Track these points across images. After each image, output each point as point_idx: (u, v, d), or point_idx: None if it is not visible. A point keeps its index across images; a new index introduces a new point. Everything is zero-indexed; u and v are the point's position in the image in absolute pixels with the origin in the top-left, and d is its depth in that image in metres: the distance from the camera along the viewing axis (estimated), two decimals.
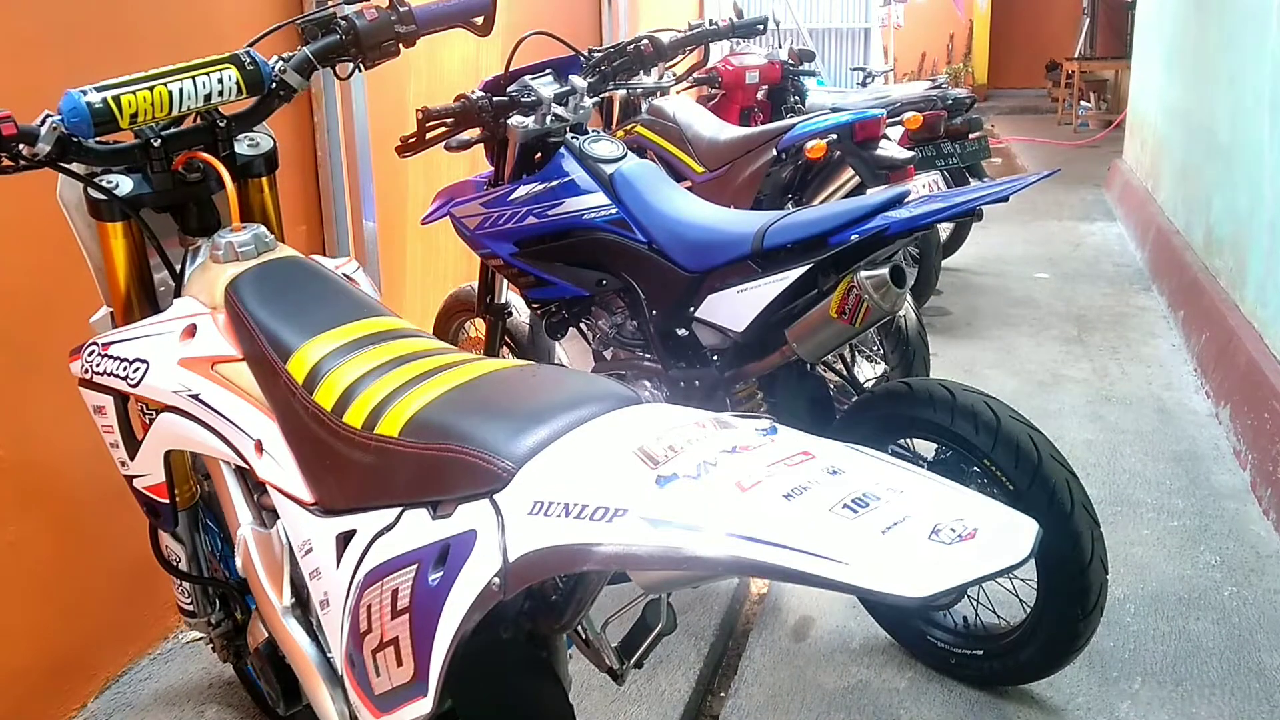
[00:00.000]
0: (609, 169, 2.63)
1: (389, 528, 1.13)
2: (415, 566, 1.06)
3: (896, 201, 2.19)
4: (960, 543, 0.80)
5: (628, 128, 4.16)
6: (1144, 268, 5.97)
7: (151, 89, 1.45)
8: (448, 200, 2.89)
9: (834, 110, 5.81)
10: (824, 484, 0.86)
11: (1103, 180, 8.66)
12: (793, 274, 2.20)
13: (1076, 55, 14.34)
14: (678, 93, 5.47)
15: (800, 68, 6.03)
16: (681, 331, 2.53)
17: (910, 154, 3.40)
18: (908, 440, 2.34)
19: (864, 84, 7.72)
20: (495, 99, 2.60)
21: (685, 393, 2.54)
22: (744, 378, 2.42)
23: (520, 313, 3.11)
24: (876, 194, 2.23)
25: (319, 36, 1.62)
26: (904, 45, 14.98)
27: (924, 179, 3.55)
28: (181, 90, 1.47)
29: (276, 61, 1.60)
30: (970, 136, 5.62)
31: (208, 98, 1.50)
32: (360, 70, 1.70)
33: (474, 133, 2.77)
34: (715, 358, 2.46)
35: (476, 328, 3.31)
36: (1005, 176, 8.74)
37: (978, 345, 4.74)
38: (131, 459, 1.62)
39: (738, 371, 2.42)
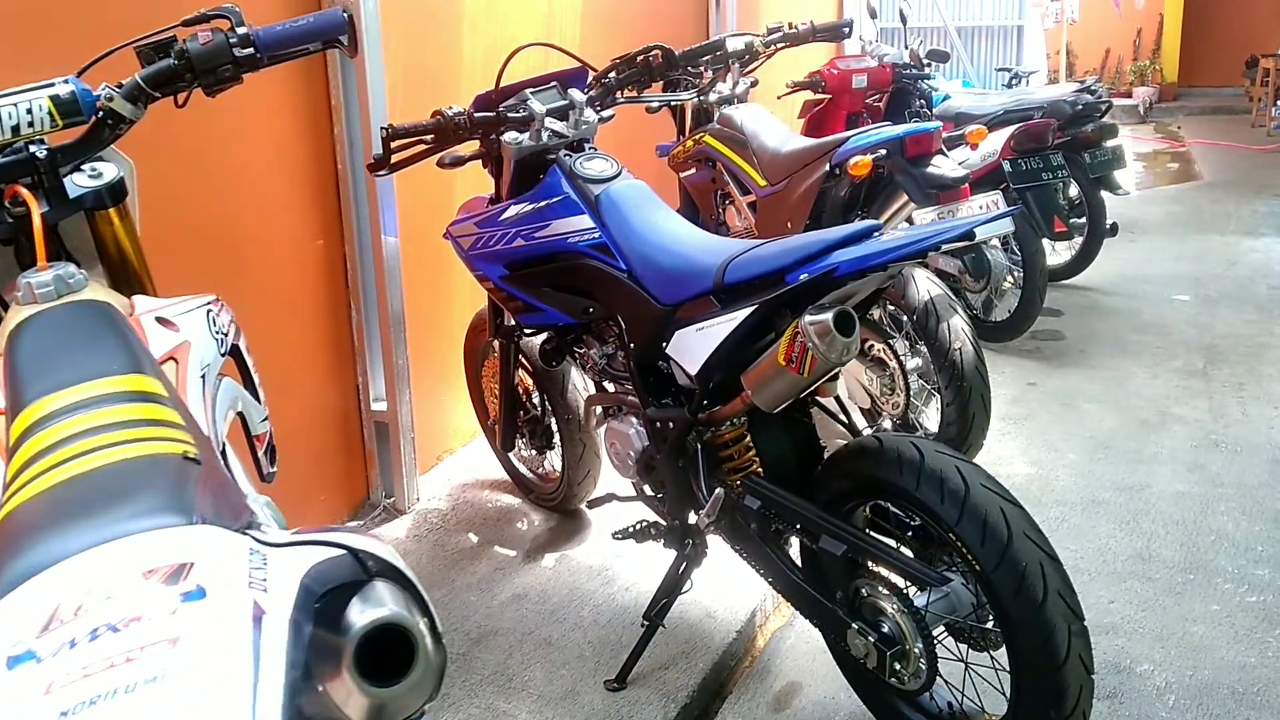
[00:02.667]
0: (596, 190, 2.46)
1: None
2: None
3: (865, 235, 1.95)
4: None
5: (696, 137, 3.97)
6: None
7: None
8: (466, 215, 2.78)
9: (958, 116, 5.48)
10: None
11: None
12: (740, 314, 1.99)
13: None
14: (780, 99, 5.24)
15: (922, 70, 5.69)
16: (661, 367, 2.35)
17: (964, 172, 3.08)
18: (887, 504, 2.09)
19: (1010, 85, 7.25)
20: (476, 115, 2.47)
21: (661, 434, 2.36)
22: (716, 422, 2.21)
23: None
24: (846, 227, 1.99)
25: (155, 61, 1.52)
26: (1085, 41, 14.15)
27: (981, 200, 3.22)
28: None
29: (104, 89, 1.50)
30: (1104, 145, 5.19)
31: (15, 129, 1.42)
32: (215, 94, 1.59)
33: (471, 148, 2.66)
34: (687, 399, 2.27)
35: None
36: (1186, 182, 8.03)
37: (1085, 375, 4.33)
38: None
39: (710, 414, 2.22)
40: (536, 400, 3.12)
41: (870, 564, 2.03)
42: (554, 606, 2.74)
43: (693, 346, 2.13)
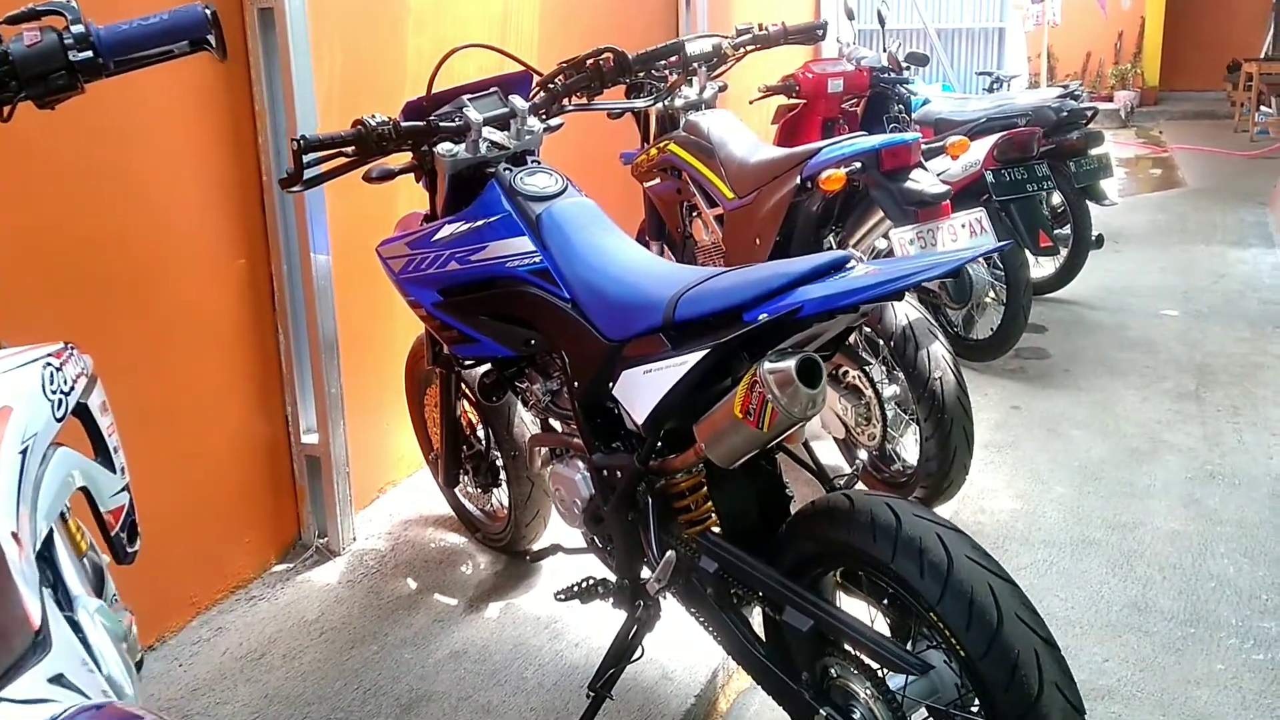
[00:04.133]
0: (537, 208, 2.21)
1: None
2: None
3: (835, 267, 1.70)
4: None
5: (661, 145, 3.71)
6: None
7: None
8: (399, 234, 2.52)
9: (937, 122, 5.24)
10: None
11: (1269, 199, 7.70)
12: (691, 358, 1.74)
13: (1262, 56, 13.06)
14: (752, 103, 5.00)
15: (901, 74, 5.46)
16: (609, 407, 2.09)
17: (944, 188, 2.84)
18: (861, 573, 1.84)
19: (991, 89, 7.04)
20: (403, 125, 2.21)
21: (608, 483, 2.11)
22: (668, 473, 1.96)
23: None
24: (814, 258, 1.74)
25: None
26: (1066, 44, 13.99)
27: (963, 218, 2.98)
28: None
29: None
30: (1089, 153, 4.97)
31: None
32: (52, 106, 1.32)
33: (403, 160, 2.40)
34: (636, 445, 2.02)
35: None
36: (1169, 189, 7.85)
37: (1071, 397, 4.10)
38: None
39: (662, 463, 1.96)
40: (481, 434, 2.86)
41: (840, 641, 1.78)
42: (495, 666, 2.48)
43: (640, 390, 1.88)
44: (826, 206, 3.17)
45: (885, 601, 1.80)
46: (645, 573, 2.10)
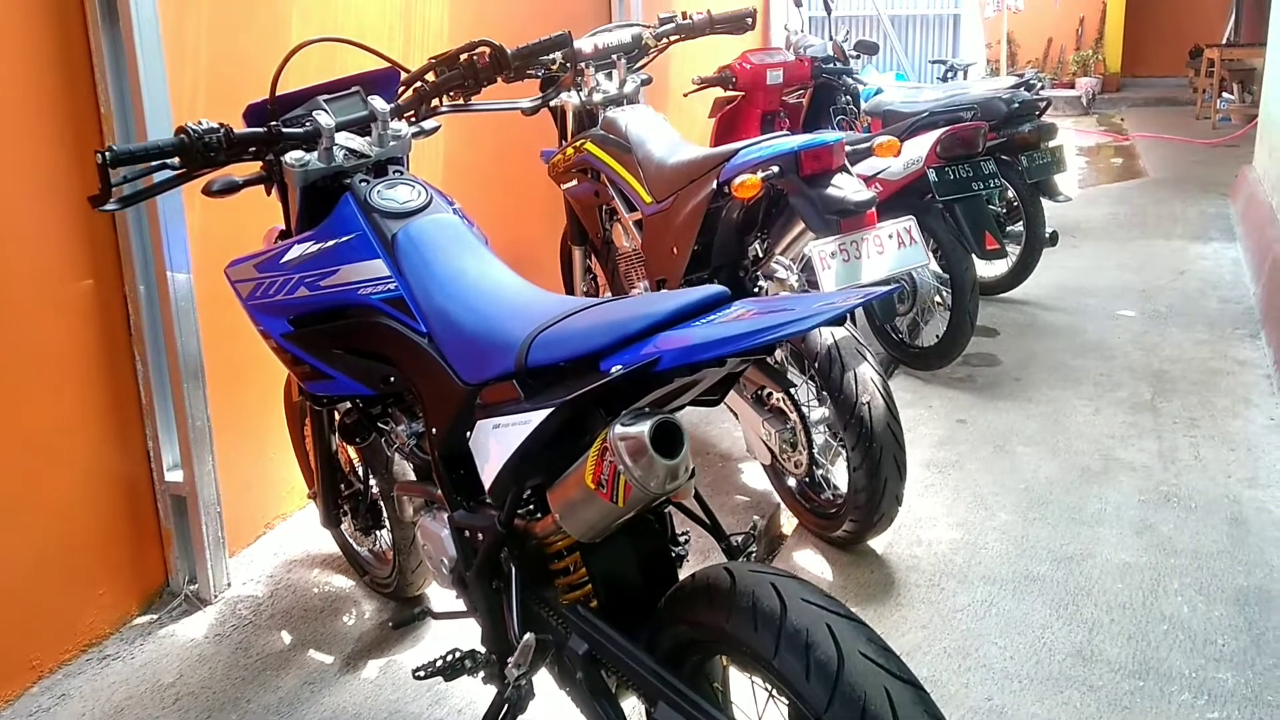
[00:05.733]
0: (394, 227, 1.93)
1: None
2: None
3: (713, 305, 1.44)
4: None
5: (577, 143, 3.43)
6: (1256, 306, 4.94)
7: None
8: (252, 254, 2.23)
9: (886, 114, 4.98)
10: None
11: (1231, 189, 7.50)
12: (535, 416, 1.47)
13: (1224, 41, 12.90)
14: (686, 95, 4.73)
15: (847, 63, 5.20)
16: (471, 460, 1.82)
17: (868, 195, 2.57)
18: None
19: (945, 78, 6.80)
20: (237, 132, 1.92)
21: (469, 544, 1.83)
22: (532, 537, 1.69)
23: None
24: (691, 293, 1.47)
25: None
26: (1028, 30, 13.80)
27: (891, 228, 2.71)
28: None
29: None
30: (1042, 147, 4.73)
31: None
32: None
33: (251, 170, 2.11)
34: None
35: None
36: (1130, 179, 7.60)
37: (1021, 409, 3.86)
38: None
39: (526, 526, 1.69)
40: (362, 472, 2.58)
41: None
42: None
43: (489, 447, 1.61)
44: (749, 212, 2.90)
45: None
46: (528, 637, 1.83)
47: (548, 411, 1.46)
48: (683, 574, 1.84)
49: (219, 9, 2.76)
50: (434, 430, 1.84)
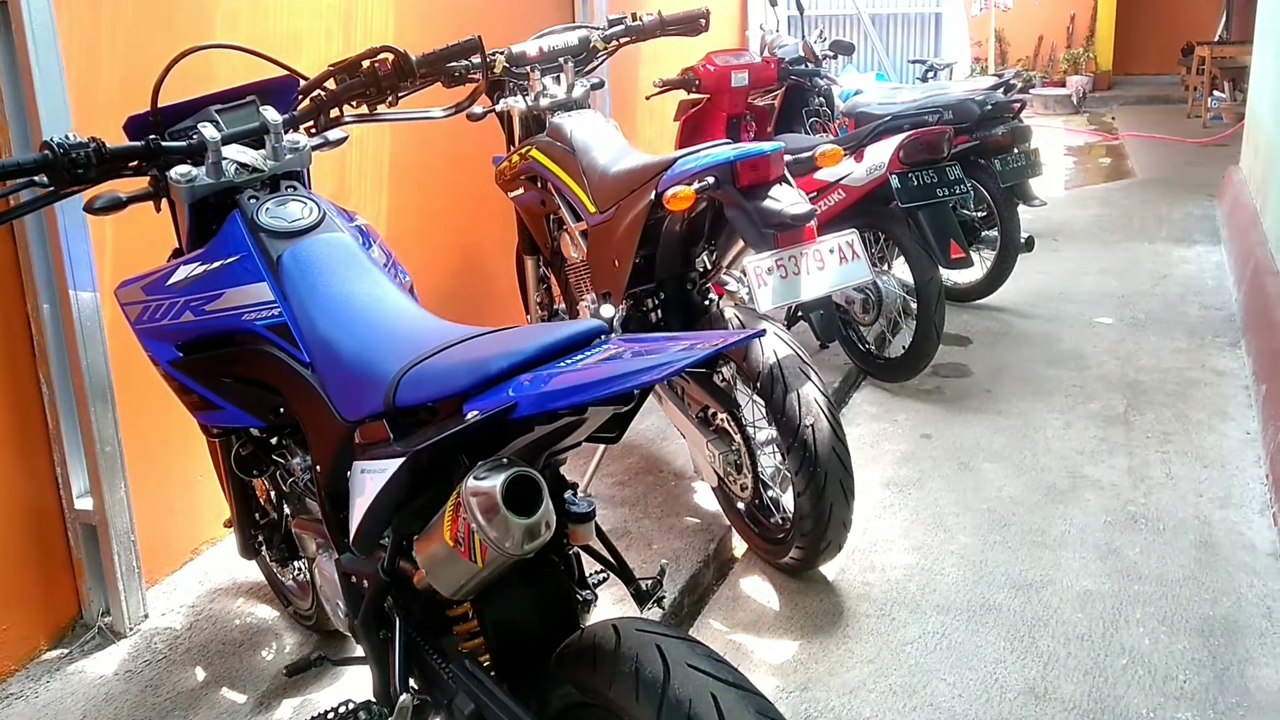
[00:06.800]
0: (280, 247, 1.80)
1: None
2: None
3: (584, 342, 1.31)
4: None
5: (523, 150, 3.30)
6: (1237, 314, 4.80)
7: None
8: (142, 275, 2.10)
9: (860, 115, 4.85)
10: None
11: (1218, 190, 7.36)
12: (390, 465, 1.34)
13: (1216, 39, 12.76)
14: (648, 98, 4.60)
15: (819, 64, 5.08)
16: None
17: (807, 208, 2.42)
18: None
19: (925, 78, 6.67)
20: (111, 147, 1.78)
21: (356, 590, 1.70)
22: (420, 593, 1.56)
23: None
24: (569, 328, 1.34)
25: None
26: (1017, 28, 13.66)
27: (832, 241, 2.56)
28: None
29: None
30: (1016, 149, 4.60)
31: None
32: None
33: (139, 185, 1.98)
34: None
35: None
36: (1118, 180, 7.46)
37: (989, 423, 3.72)
38: None
39: (411, 572, 1.56)
40: (276, 500, 2.44)
41: None
42: None
43: (356, 492, 1.48)
44: (693, 223, 2.77)
45: None
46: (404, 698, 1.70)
47: (398, 462, 1.32)
48: (591, 619, 1.72)
49: (135, 10, 2.62)
50: (318, 468, 1.70)
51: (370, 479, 1.41)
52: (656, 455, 3.47)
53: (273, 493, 2.44)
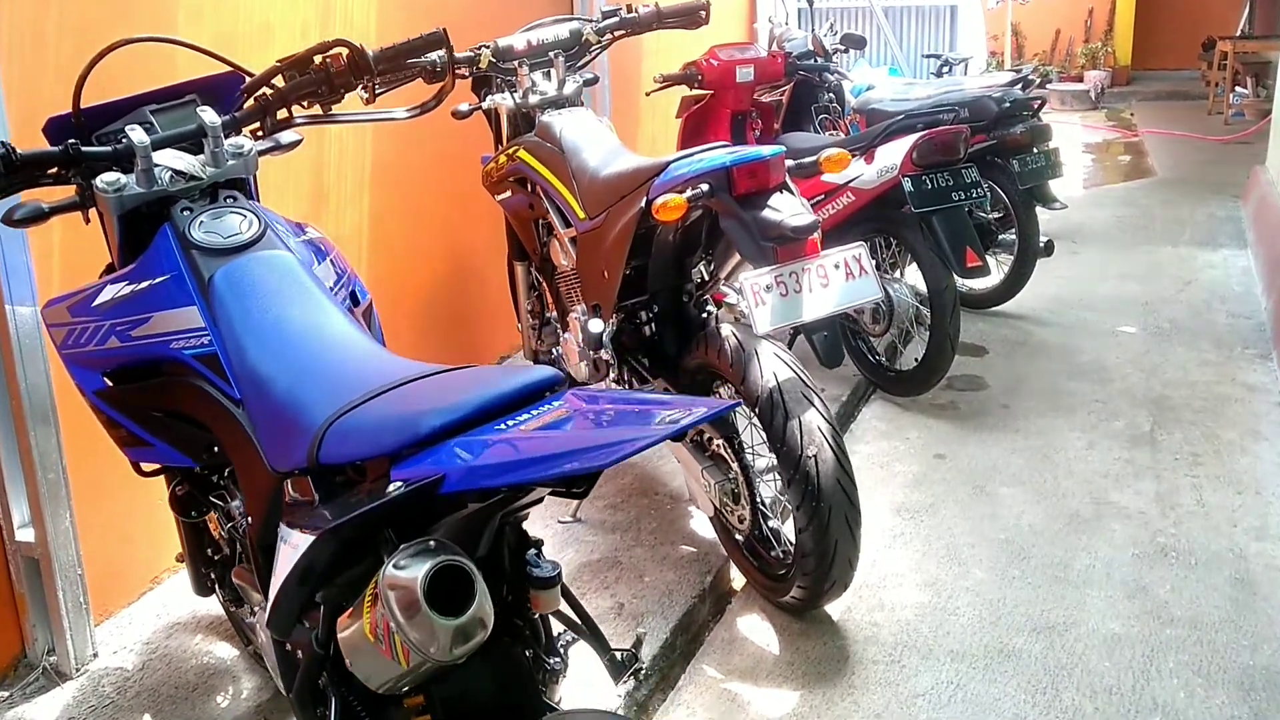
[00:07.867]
0: (213, 266, 1.60)
1: None
2: None
3: (535, 395, 1.10)
4: None
5: (510, 150, 3.09)
6: (1267, 322, 4.57)
7: None
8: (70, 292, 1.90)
9: (872, 112, 4.62)
10: None
11: (1243, 191, 7.11)
12: (304, 541, 1.13)
13: (1238, 33, 12.45)
14: (649, 95, 4.39)
15: (828, 59, 4.85)
16: None
17: (810, 219, 2.20)
18: None
19: (939, 74, 6.43)
20: (23, 154, 1.59)
21: (290, 663, 1.50)
22: None
23: None
24: (521, 376, 1.13)
25: None
26: (1035, 21, 13.38)
27: (837, 256, 2.33)
28: None
29: None
30: (1036, 150, 4.37)
31: None
32: None
33: (64, 194, 1.78)
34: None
35: None
36: (1138, 179, 7.22)
37: (1006, 443, 3.51)
38: None
39: None
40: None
41: None
42: None
43: (276, 562, 1.28)
44: (688, 231, 2.56)
45: None
46: None
47: (310, 539, 1.12)
48: (562, 690, 1.52)
49: (85, 2, 2.42)
50: (249, 519, 1.50)
51: (285, 551, 1.21)
52: (652, 475, 3.25)
53: (226, 528, 2.25)
